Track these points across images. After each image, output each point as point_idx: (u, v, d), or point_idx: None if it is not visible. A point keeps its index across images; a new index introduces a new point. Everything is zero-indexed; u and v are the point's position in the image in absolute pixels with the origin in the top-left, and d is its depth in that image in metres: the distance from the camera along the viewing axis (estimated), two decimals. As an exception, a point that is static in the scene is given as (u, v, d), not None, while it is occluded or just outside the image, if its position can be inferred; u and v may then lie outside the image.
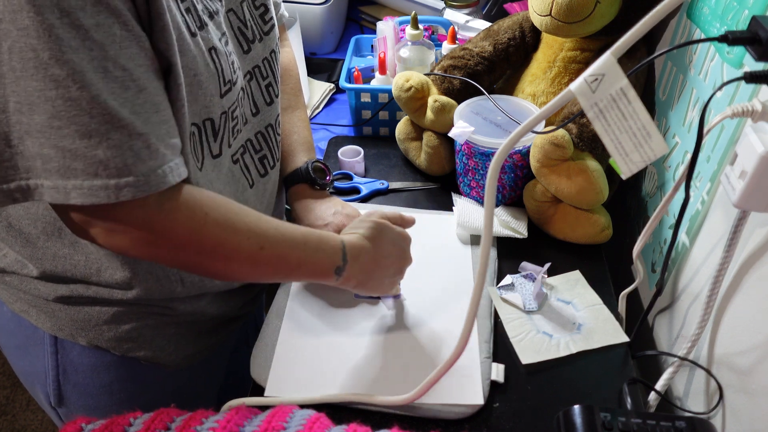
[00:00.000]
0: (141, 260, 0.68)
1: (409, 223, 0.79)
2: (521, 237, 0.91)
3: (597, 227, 0.89)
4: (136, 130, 0.51)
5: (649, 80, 0.96)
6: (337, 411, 0.69)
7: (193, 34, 0.59)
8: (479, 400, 0.69)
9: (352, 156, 1.06)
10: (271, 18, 0.78)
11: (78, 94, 0.48)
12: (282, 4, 0.89)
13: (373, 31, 1.36)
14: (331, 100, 1.32)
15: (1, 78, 0.47)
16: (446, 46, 1.16)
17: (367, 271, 0.71)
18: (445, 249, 0.90)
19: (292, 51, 0.98)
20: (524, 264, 0.87)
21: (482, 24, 1.27)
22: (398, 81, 0.98)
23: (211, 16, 0.64)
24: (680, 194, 0.67)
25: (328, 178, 0.89)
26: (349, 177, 1.05)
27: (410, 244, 0.77)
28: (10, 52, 0.46)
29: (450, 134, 0.92)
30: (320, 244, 0.67)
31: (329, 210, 0.85)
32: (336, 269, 0.68)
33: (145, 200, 0.54)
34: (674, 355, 0.72)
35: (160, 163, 0.53)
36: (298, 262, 0.66)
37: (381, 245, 0.72)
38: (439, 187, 1.04)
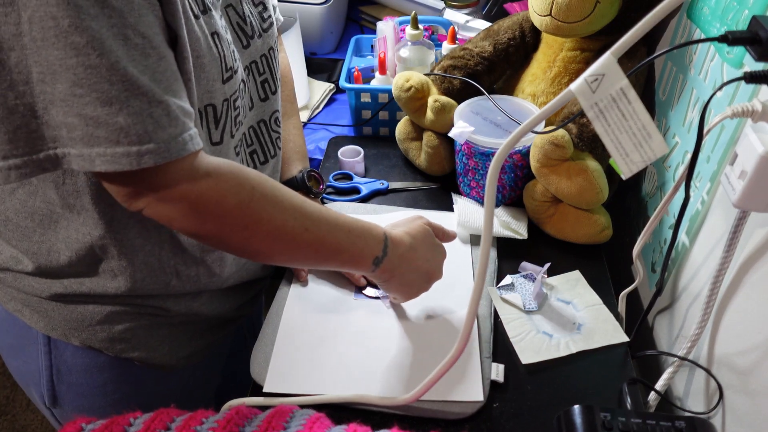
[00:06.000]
0: (137, 252, 0.68)
1: (449, 237, 0.79)
2: (521, 238, 0.91)
3: (597, 227, 0.89)
4: (156, 98, 0.52)
5: (649, 80, 0.96)
6: (337, 411, 0.69)
7: (196, 16, 0.60)
8: (479, 397, 0.69)
9: (352, 156, 1.06)
10: (270, 16, 0.79)
11: (97, 61, 0.48)
12: (277, 8, 0.89)
13: (373, 31, 1.36)
14: (331, 100, 1.32)
15: (23, 49, 0.48)
16: (446, 46, 1.16)
17: (403, 269, 0.72)
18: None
19: (287, 57, 0.98)
20: (524, 264, 0.87)
21: (482, 24, 1.27)
22: (398, 81, 0.98)
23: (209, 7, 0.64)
24: (680, 194, 0.67)
25: (321, 187, 0.91)
26: (349, 177, 1.05)
27: (444, 260, 0.77)
28: (30, 23, 0.46)
29: (450, 134, 0.92)
30: (363, 233, 0.68)
31: None
32: (375, 259, 0.68)
33: (190, 169, 0.55)
34: (674, 355, 0.73)
35: (180, 130, 0.54)
36: (339, 247, 0.66)
37: (421, 248, 0.73)
38: (439, 187, 1.04)
